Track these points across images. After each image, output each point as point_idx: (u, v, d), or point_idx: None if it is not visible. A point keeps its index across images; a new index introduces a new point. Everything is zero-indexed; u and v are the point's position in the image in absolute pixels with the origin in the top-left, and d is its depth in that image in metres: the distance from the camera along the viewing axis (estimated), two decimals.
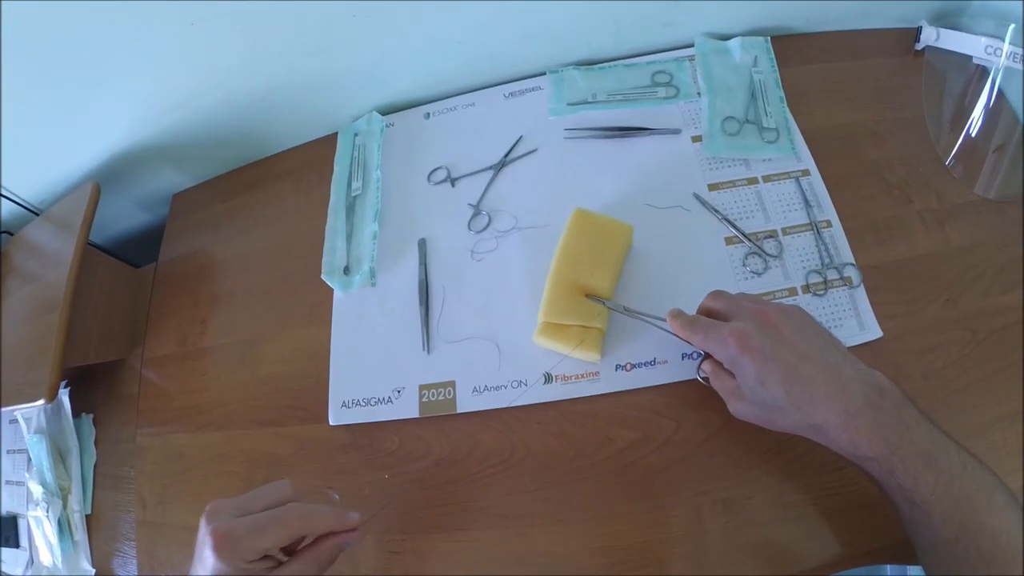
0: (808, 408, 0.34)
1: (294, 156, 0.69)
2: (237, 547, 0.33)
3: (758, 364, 0.35)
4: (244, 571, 0.34)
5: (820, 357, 0.35)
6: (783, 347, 0.35)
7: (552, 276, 0.47)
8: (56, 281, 0.55)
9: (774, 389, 0.35)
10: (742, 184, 0.52)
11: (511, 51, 0.61)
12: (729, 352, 0.36)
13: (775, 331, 0.35)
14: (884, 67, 0.57)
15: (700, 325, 0.39)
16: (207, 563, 0.33)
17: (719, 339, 0.37)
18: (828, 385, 0.34)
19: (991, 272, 0.47)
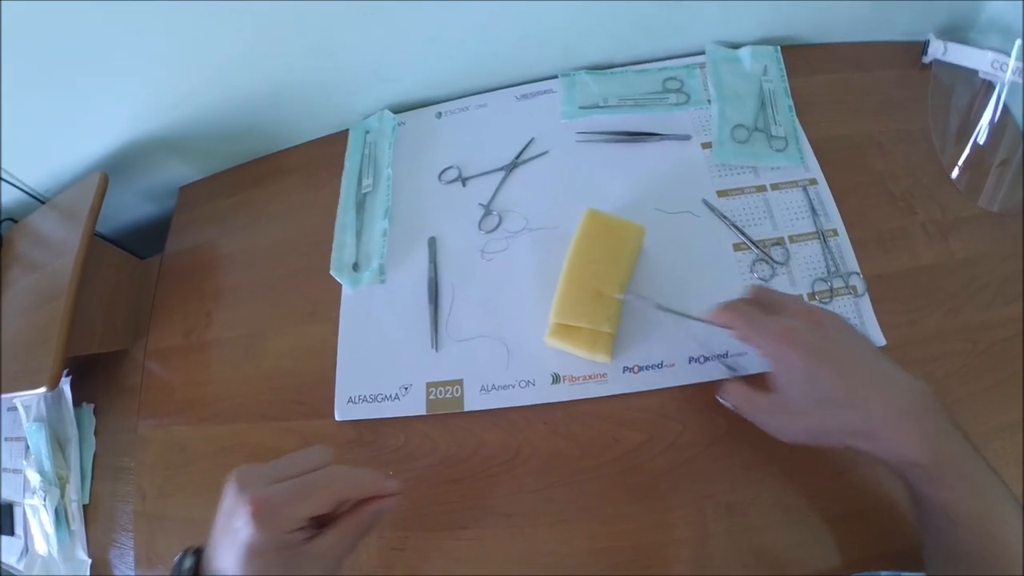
0: (862, 407, 0.32)
1: (303, 152, 0.69)
2: (278, 515, 0.30)
3: (807, 359, 0.33)
4: (283, 543, 0.31)
5: (871, 357, 0.34)
6: (832, 344, 0.34)
7: (564, 276, 0.47)
8: (61, 270, 0.55)
9: (825, 385, 0.33)
10: (751, 191, 0.52)
11: (523, 53, 0.61)
12: (776, 347, 0.34)
13: (823, 329, 0.34)
14: (891, 79, 0.58)
15: (745, 313, 0.36)
16: (241, 534, 0.30)
17: (766, 331, 0.35)
18: (882, 384, 0.33)
19: (994, 284, 0.48)
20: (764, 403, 0.37)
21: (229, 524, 0.31)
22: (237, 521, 0.31)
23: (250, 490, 0.31)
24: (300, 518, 0.31)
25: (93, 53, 0.53)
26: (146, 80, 0.58)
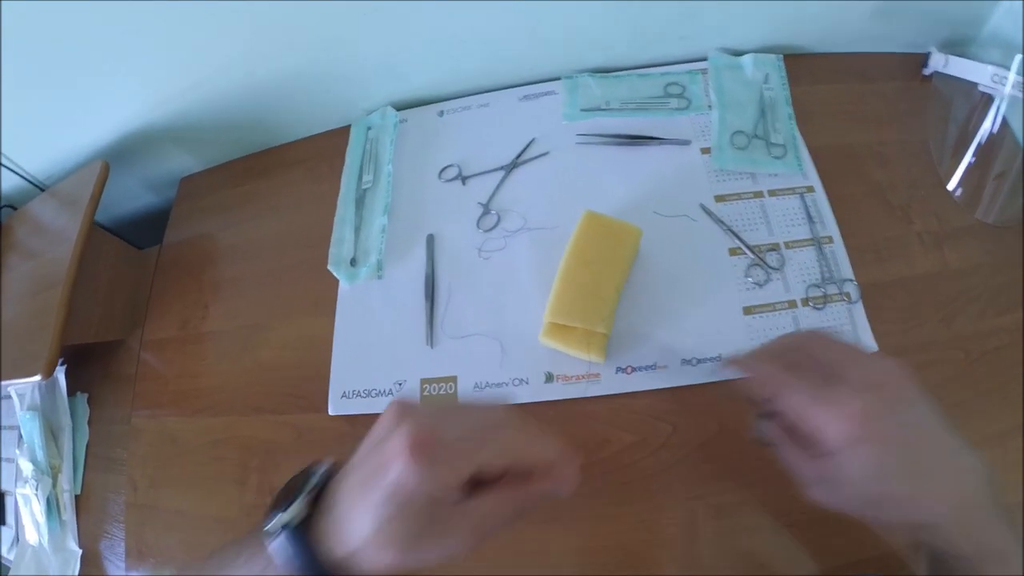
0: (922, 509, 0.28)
1: (305, 146, 0.69)
2: (443, 455, 0.25)
3: (882, 455, 0.27)
4: (434, 495, 0.25)
5: (940, 439, 0.28)
6: (907, 433, 0.28)
7: (560, 276, 0.47)
8: (59, 258, 0.55)
9: (891, 485, 0.28)
10: (748, 197, 0.53)
11: (528, 54, 0.61)
12: (845, 436, 0.27)
13: (898, 409, 0.28)
14: (892, 90, 0.59)
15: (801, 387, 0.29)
16: (389, 473, 0.25)
17: (833, 414, 0.28)
18: (949, 475, 0.28)
19: (987, 295, 0.48)
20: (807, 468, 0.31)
21: (376, 457, 0.26)
22: (388, 454, 0.25)
23: (413, 422, 0.25)
24: (464, 471, 0.25)
25: (99, 41, 0.53)
26: (151, 69, 0.58)
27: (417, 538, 0.25)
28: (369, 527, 0.25)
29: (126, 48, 0.55)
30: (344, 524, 0.26)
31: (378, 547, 0.25)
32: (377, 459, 0.26)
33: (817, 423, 0.28)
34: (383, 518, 0.25)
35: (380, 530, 0.25)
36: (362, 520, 0.25)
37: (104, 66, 0.56)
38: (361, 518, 0.25)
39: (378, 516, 0.25)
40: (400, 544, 0.25)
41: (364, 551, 0.25)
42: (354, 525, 0.26)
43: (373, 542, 0.25)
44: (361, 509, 0.26)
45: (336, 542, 0.26)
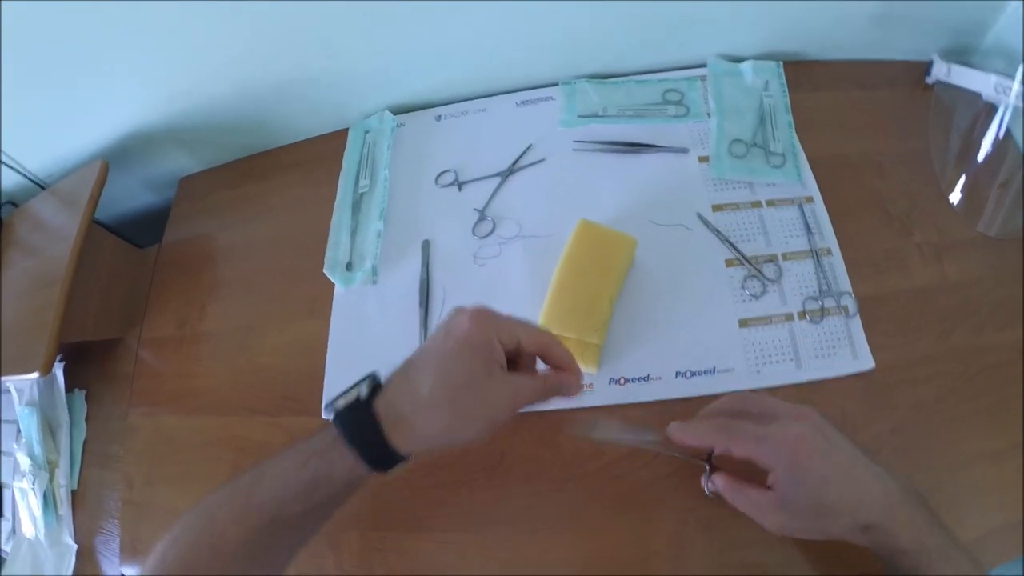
0: (862, 509, 0.32)
1: (304, 149, 0.70)
2: (496, 322, 0.33)
3: (824, 467, 0.32)
4: (490, 348, 0.33)
5: (860, 456, 0.34)
6: (835, 449, 0.33)
7: (554, 286, 0.47)
8: (58, 256, 0.56)
9: (832, 493, 0.32)
10: (746, 207, 0.52)
11: (525, 60, 0.61)
12: (790, 458, 0.33)
13: (827, 433, 0.34)
14: (893, 98, 0.58)
15: (746, 431, 0.34)
16: (458, 330, 0.33)
17: (778, 444, 0.33)
18: (874, 483, 0.33)
19: (986, 309, 0.48)
20: (761, 500, 0.35)
21: (445, 327, 0.34)
22: (456, 320, 0.33)
23: (475, 306, 0.34)
24: (512, 334, 0.34)
25: (100, 41, 0.54)
26: (152, 70, 0.58)
27: (468, 396, 0.32)
28: (429, 382, 0.32)
29: (127, 49, 0.55)
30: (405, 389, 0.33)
31: (433, 404, 0.32)
32: (447, 328, 0.34)
33: (766, 456, 0.33)
34: (445, 372, 0.32)
35: (440, 386, 0.32)
36: (424, 377, 0.33)
37: (105, 66, 0.56)
38: (425, 379, 0.33)
39: (440, 372, 0.32)
40: (453, 402, 0.32)
41: (421, 412, 0.32)
42: (417, 384, 0.33)
43: (429, 399, 0.32)
44: (427, 371, 0.33)
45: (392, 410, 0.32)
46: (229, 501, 0.34)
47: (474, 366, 0.33)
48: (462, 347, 0.33)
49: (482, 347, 0.33)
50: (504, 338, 0.33)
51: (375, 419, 0.32)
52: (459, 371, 0.33)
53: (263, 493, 0.33)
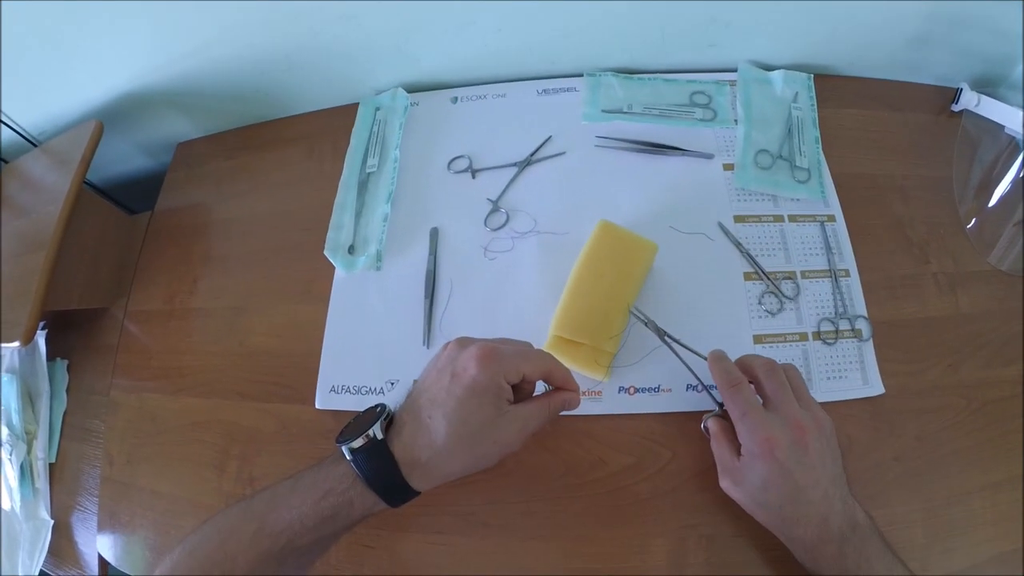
0: (791, 524, 0.36)
1: (310, 121, 0.67)
2: (502, 363, 0.35)
3: (773, 474, 0.35)
4: (498, 390, 0.34)
5: (824, 486, 0.35)
6: (801, 469, 0.35)
7: (570, 288, 0.46)
8: (46, 218, 0.53)
9: (772, 498, 0.36)
10: (768, 220, 0.51)
11: (551, 47, 0.59)
12: (753, 449, 0.36)
13: (803, 452, 0.35)
14: (920, 123, 0.57)
15: (742, 401, 0.37)
16: (467, 374, 0.34)
17: (753, 432, 0.36)
18: (817, 514, 0.35)
19: (995, 343, 0.48)
20: (726, 460, 0.39)
21: (450, 368, 0.35)
22: (462, 363, 0.35)
23: (478, 343, 0.36)
24: (518, 372, 0.35)
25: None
26: (157, 26, 0.55)
27: (483, 438, 0.35)
28: (444, 430, 0.34)
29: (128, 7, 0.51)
30: (420, 434, 0.34)
31: (450, 450, 0.34)
32: (451, 372, 0.35)
33: (740, 433, 0.37)
34: (459, 419, 0.34)
35: (455, 433, 0.34)
36: (439, 425, 0.34)
37: (105, 22, 0.53)
38: (438, 426, 0.34)
39: (454, 419, 0.34)
40: (470, 446, 0.34)
41: (439, 457, 0.34)
42: (432, 431, 0.34)
43: (446, 446, 0.34)
44: (439, 418, 0.34)
45: (409, 455, 0.34)
46: (241, 526, 0.34)
47: (486, 410, 0.34)
48: (471, 393, 0.34)
49: (491, 389, 0.34)
50: (511, 377, 0.35)
51: (395, 463, 0.34)
52: (472, 417, 0.34)
53: (277, 523, 0.34)
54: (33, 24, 0.51)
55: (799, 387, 0.39)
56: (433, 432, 0.34)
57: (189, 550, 0.34)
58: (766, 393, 0.38)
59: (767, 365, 0.39)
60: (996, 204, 0.52)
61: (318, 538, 0.35)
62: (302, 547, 0.34)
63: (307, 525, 0.34)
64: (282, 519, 0.34)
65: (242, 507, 0.35)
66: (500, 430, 0.35)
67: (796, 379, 0.39)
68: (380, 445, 0.34)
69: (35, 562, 0.54)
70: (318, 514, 0.34)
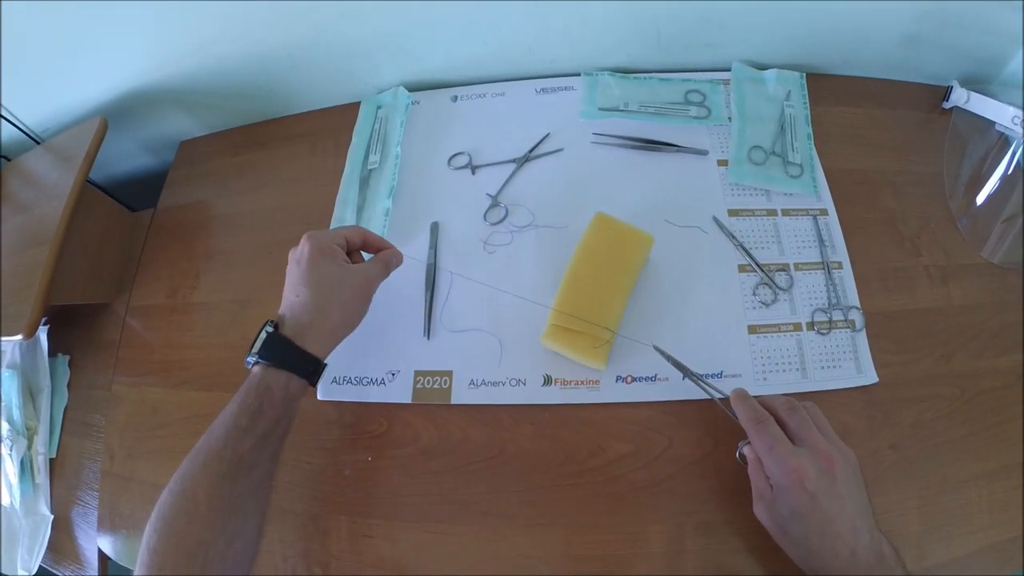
0: (819, 557, 0.35)
1: (312, 119, 0.67)
2: (326, 234, 0.44)
3: (802, 505, 0.35)
4: (331, 250, 0.43)
5: (852, 517, 0.35)
6: (829, 499, 0.35)
7: (567, 279, 0.46)
8: (49, 215, 0.53)
9: (800, 529, 0.36)
10: (761, 214, 0.52)
11: (549, 47, 0.60)
12: (783, 480, 0.36)
13: (831, 482, 0.36)
14: (911, 120, 0.58)
15: (768, 436, 0.38)
16: (304, 252, 0.43)
17: (781, 464, 0.36)
18: (845, 546, 0.35)
19: (987, 334, 0.48)
20: (762, 488, 0.39)
21: (294, 261, 0.44)
22: (299, 250, 0.44)
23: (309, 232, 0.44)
24: (340, 236, 0.45)
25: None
26: (162, 23, 0.56)
27: (338, 289, 0.42)
28: (308, 293, 0.41)
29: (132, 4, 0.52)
30: (296, 308, 0.42)
31: (320, 307, 0.41)
32: (295, 261, 0.44)
33: (768, 466, 0.37)
34: (314, 283, 0.42)
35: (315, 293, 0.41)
36: (303, 292, 0.42)
37: (109, 20, 0.54)
38: (303, 296, 0.42)
39: (310, 284, 0.42)
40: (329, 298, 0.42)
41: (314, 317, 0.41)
42: (302, 300, 0.41)
43: (316, 304, 0.41)
44: (301, 291, 0.42)
45: (295, 327, 0.41)
46: (190, 464, 0.37)
47: (329, 267, 0.43)
48: (312, 261, 0.42)
49: (326, 253, 0.43)
50: (336, 241, 0.44)
51: (288, 339, 0.40)
52: (322, 276, 0.42)
53: (217, 440, 0.38)
54: (37, 21, 0.52)
55: (822, 423, 0.39)
56: (303, 300, 0.41)
57: (158, 510, 0.36)
58: (791, 429, 0.38)
59: (788, 403, 0.40)
60: (987, 199, 0.53)
61: (256, 439, 0.38)
62: (246, 456, 0.37)
63: (241, 426, 0.38)
64: (219, 435, 0.38)
65: (189, 453, 0.38)
66: (348, 279, 0.43)
67: (818, 415, 0.40)
68: (273, 334, 0.40)
69: (34, 558, 0.54)
70: (246, 411, 0.38)
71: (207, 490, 0.36)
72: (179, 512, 0.35)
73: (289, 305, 0.42)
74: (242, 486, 0.37)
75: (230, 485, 0.36)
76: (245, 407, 0.38)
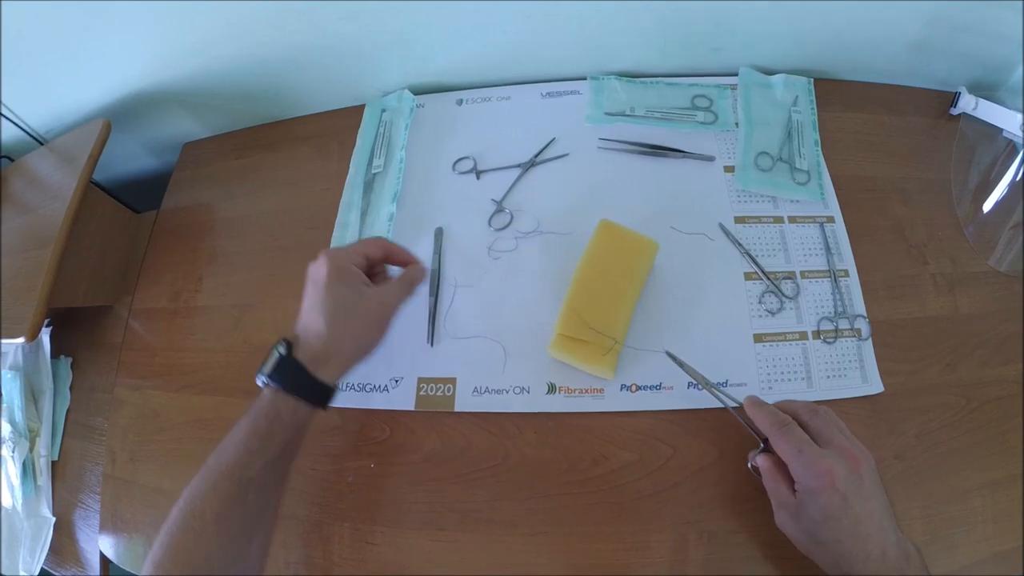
0: (851, 560, 0.35)
1: (316, 122, 0.67)
2: (345, 252, 0.42)
3: (834, 507, 0.35)
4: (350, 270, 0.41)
5: (879, 517, 0.35)
6: (859, 499, 0.35)
7: (573, 287, 0.46)
8: (52, 216, 0.53)
9: (831, 533, 0.35)
10: (768, 221, 0.52)
11: (556, 50, 0.60)
12: (814, 482, 0.35)
13: (859, 481, 0.35)
14: (918, 126, 0.58)
15: (795, 439, 0.37)
16: (320, 273, 0.41)
17: (810, 466, 0.35)
18: (876, 547, 0.35)
19: (993, 343, 0.48)
20: (783, 496, 0.38)
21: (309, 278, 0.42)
22: (315, 269, 0.42)
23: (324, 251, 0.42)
24: (359, 254, 0.43)
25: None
26: (166, 25, 0.55)
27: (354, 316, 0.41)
28: (322, 319, 0.40)
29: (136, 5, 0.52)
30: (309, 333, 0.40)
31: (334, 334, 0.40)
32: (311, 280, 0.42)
33: (796, 468, 0.36)
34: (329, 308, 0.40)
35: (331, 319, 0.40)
36: (317, 318, 0.40)
37: (113, 21, 0.53)
38: (317, 320, 0.40)
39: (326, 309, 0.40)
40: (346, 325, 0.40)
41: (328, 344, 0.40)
42: (316, 325, 0.40)
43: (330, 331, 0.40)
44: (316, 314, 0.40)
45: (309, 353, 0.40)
46: (201, 484, 0.37)
47: (345, 291, 0.41)
48: (329, 284, 0.41)
49: (343, 275, 0.41)
50: (356, 261, 0.42)
51: (300, 365, 0.39)
52: (338, 303, 0.40)
53: (227, 462, 0.37)
54: (41, 22, 0.52)
55: (840, 425, 0.39)
56: (316, 325, 0.40)
57: (166, 527, 0.36)
58: (812, 431, 0.38)
59: (809, 406, 0.39)
60: (994, 206, 0.53)
61: (266, 463, 0.38)
62: (255, 479, 0.37)
63: (252, 449, 0.38)
64: (230, 457, 0.37)
65: (200, 471, 0.38)
66: (366, 305, 0.41)
67: (836, 418, 0.40)
68: (286, 357, 0.39)
69: (36, 560, 0.54)
70: (257, 435, 0.38)
71: (215, 510, 0.36)
72: (187, 530, 0.36)
73: (304, 328, 0.41)
74: (250, 507, 0.37)
75: (239, 506, 0.37)
76: (255, 431, 0.38)
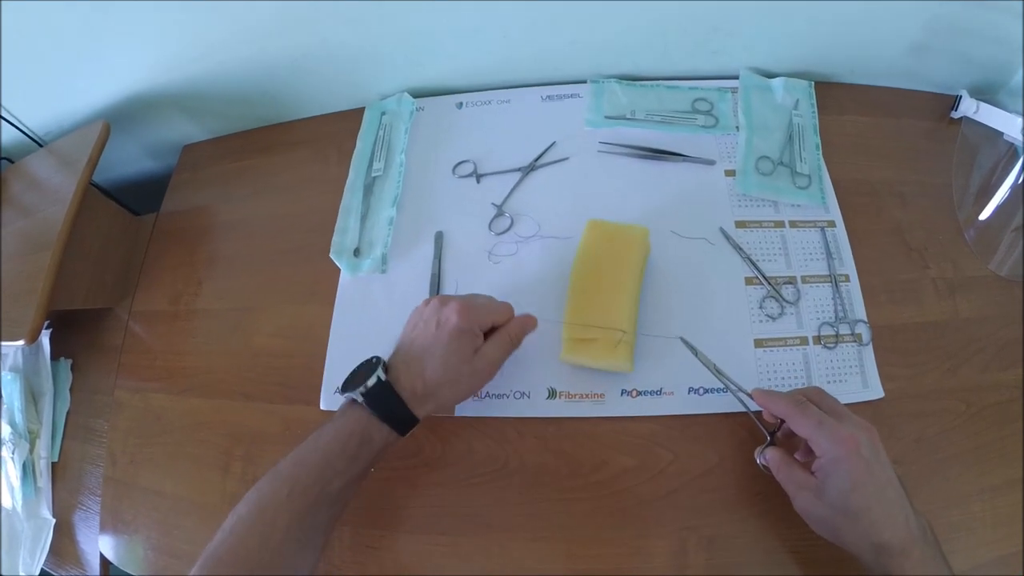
0: (880, 528, 0.35)
1: (316, 125, 0.67)
2: (476, 313, 0.42)
3: (860, 472, 0.35)
4: (473, 334, 0.42)
5: (896, 485, 0.36)
6: (880, 466, 0.36)
7: (572, 290, 0.46)
8: (52, 219, 0.53)
9: (860, 500, 0.35)
10: (769, 226, 0.52)
11: (556, 54, 0.60)
12: (838, 451, 0.36)
13: (877, 450, 0.36)
14: (919, 129, 0.58)
15: (814, 412, 0.38)
16: (450, 321, 0.41)
17: (834, 435, 0.36)
18: (900, 513, 0.35)
19: (993, 348, 0.48)
20: (801, 479, 0.38)
21: (436, 319, 0.42)
22: (446, 315, 0.41)
23: (457, 300, 0.42)
24: (488, 322, 0.43)
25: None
26: (166, 28, 0.55)
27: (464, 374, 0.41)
28: (435, 368, 0.41)
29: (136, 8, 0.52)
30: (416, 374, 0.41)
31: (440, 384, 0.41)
32: (436, 322, 0.42)
33: (820, 441, 0.37)
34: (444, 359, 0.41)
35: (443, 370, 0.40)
36: (431, 364, 0.41)
37: (113, 24, 0.53)
38: (429, 365, 0.41)
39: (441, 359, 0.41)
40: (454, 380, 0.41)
41: (432, 390, 0.40)
42: (426, 370, 0.41)
43: (438, 381, 0.40)
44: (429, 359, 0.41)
45: (410, 391, 0.40)
46: (274, 493, 0.38)
47: (465, 351, 0.41)
48: (454, 338, 0.41)
49: (468, 335, 0.41)
50: (483, 325, 0.43)
51: (400, 399, 0.40)
52: (455, 357, 0.41)
53: (308, 476, 0.38)
54: (41, 24, 0.52)
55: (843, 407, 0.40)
56: (428, 370, 0.41)
57: (229, 529, 0.37)
58: (824, 410, 0.39)
59: (816, 390, 0.41)
60: (995, 210, 0.53)
61: (347, 481, 0.39)
62: (333, 493, 0.38)
63: (337, 469, 0.38)
64: (312, 472, 0.38)
65: (270, 476, 0.39)
66: (476, 366, 0.42)
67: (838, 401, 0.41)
68: (386, 386, 0.40)
69: (36, 561, 0.54)
70: (346, 455, 0.39)
71: (287, 520, 0.37)
72: (254, 533, 0.37)
73: (407, 364, 0.41)
74: (320, 521, 0.39)
75: (310, 518, 0.38)
76: (345, 452, 0.39)
